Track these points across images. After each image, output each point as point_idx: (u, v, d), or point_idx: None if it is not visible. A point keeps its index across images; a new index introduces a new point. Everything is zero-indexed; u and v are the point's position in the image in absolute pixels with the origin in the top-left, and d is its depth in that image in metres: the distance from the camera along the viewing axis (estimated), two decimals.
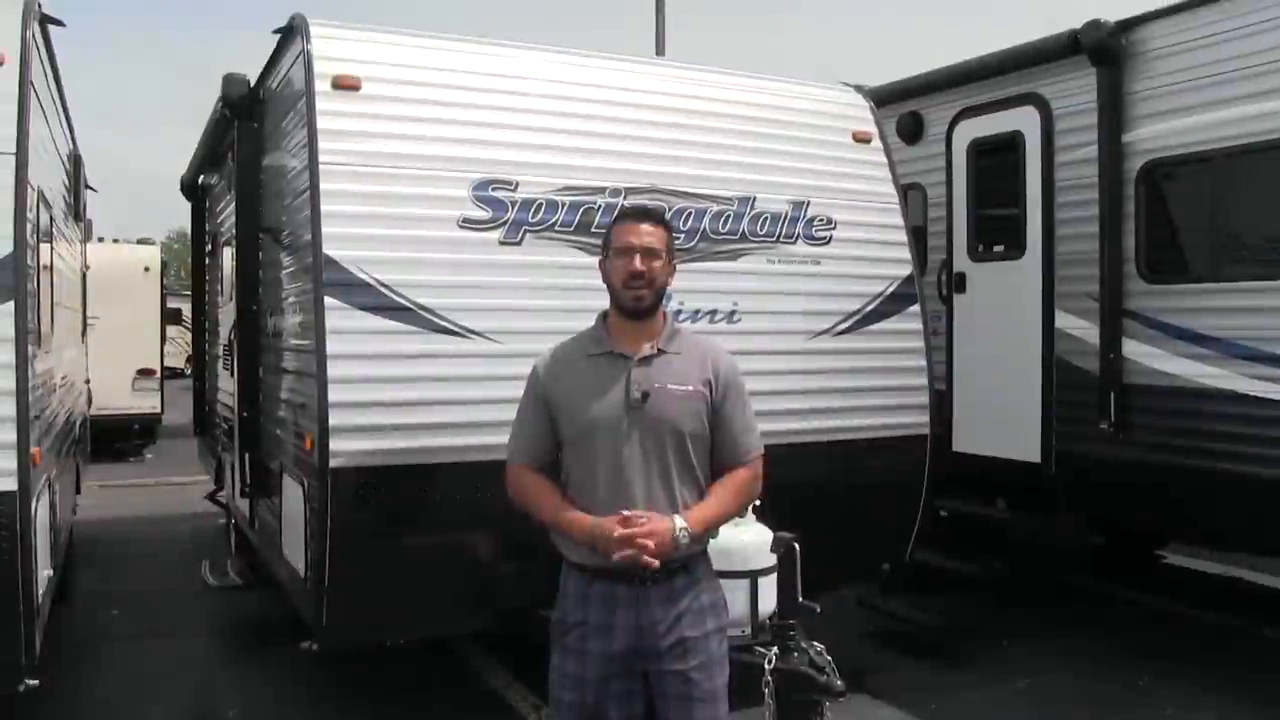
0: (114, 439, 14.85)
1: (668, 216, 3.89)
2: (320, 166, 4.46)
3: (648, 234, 2.99)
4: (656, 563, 2.80)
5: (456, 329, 4.57)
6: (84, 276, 9.45)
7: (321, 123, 4.51)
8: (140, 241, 17.74)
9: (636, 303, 2.96)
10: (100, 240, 15.01)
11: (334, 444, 4.28)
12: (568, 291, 4.58)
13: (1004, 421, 6.70)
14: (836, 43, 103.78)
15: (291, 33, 4.94)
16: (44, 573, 4.90)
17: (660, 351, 2.98)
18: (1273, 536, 5.61)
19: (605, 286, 3.06)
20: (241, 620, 6.93)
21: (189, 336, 17.43)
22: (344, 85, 4.59)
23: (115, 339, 13.35)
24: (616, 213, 3.30)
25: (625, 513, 2.82)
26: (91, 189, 9.48)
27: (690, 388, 2.95)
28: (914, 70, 7.59)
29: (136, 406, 15.25)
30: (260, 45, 6.14)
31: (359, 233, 4.47)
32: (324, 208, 4.43)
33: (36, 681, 4.39)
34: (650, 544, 2.77)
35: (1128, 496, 6.13)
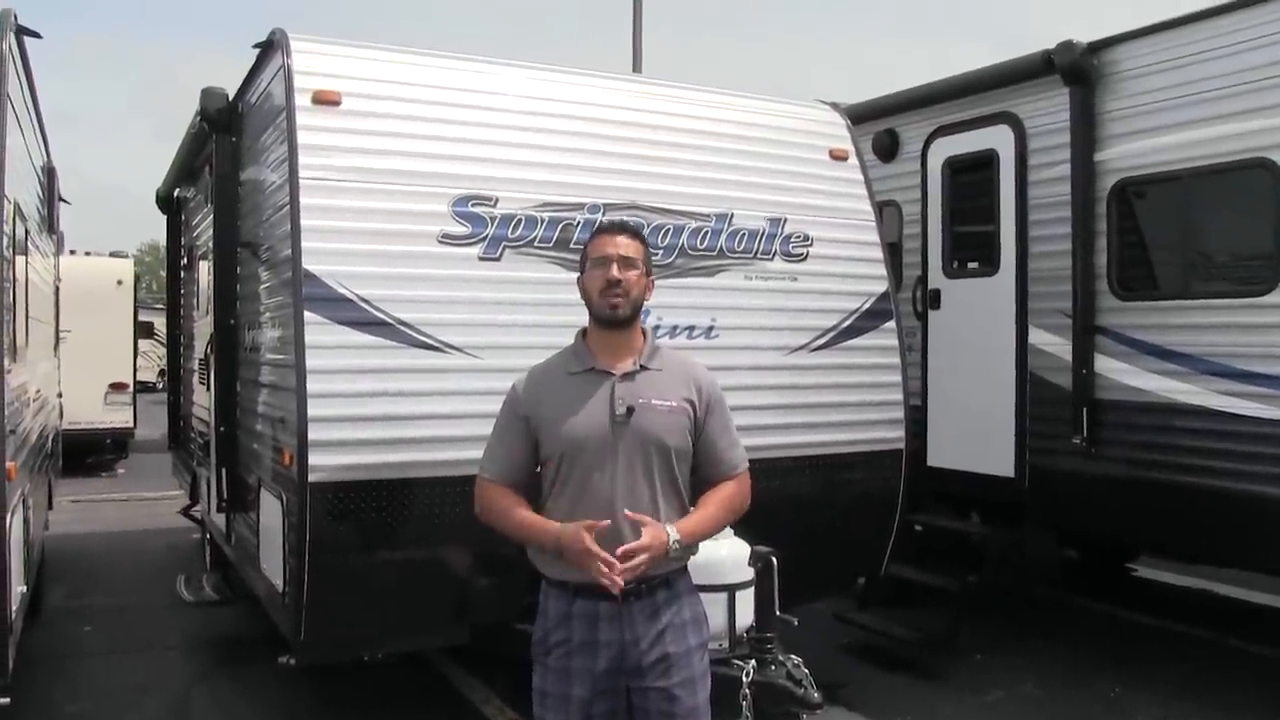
0: (86, 453, 14.74)
1: (646, 232, 3.94)
2: (300, 181, 4.47)
3: (624, 245, 3.01)
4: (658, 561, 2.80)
5: (436, 344, 4.58)
6: (57, 290, 9.39)
7: (302, 138, 4.52)
8: (113, 254, 17.57)
9: (613, 311, 2.96)
10: (72, 253, 14.89)
11: (313, 459, 4.28)
12: (547, 307, 4.62)
13: (978, 436, 6.76)
14: (811, 61, 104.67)
15: (271, 47, 4.94)
16: (17, 589, 4.86)
17: (642, 367, 2.99)
18: (1242, 549, 5.69)
19: (584, 303, 3.06)
20: (217, 635, 6.88)
21: (161, 350, 17.29)
22: (324, 100, 4.60)
23: (87, 353, 13.25)
24: (593, 229, 3.32)
25: (629, 514, 2.81)
26: (65, 201, 9.44)
27: (674, 403, 2.96)
28: (883, 89, 7.71)
29: (109, 421, 15.14)
30: (224, 57, 6.15)
31: (339, 248, 4.47)
32: (304, 222, 4.43)
33: (8, 699, 4.36)
34: (643, 564, 2.76)
35: (1100, 511, 6.19)
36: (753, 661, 3.94)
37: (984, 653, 6.42)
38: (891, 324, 5.84)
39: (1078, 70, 6.13)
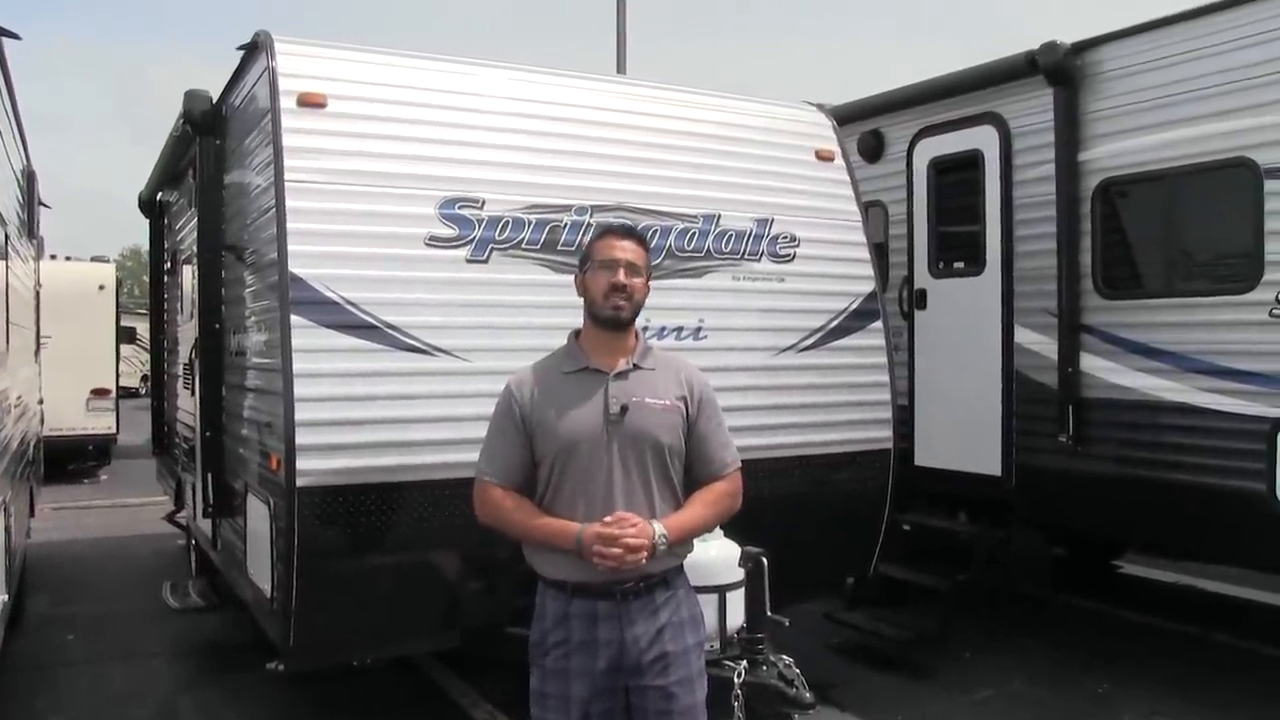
0: (68, 460, 14.62)
1: None
2: (286, 184, 4.44)
3: (632, 250, 3.04)
4: (644, 559, 2.80)
5: (423, 347, 4.56)
6: (37, 295, 9.32)
7: (287, 140, 4.49)
8: (94, 259, 17.44)
9: (616, 313, 2.98)
10: (53, 258, 14.78)
11: (301, 463, 4.25)
12: (534, 309, 4.62)
13: (965, 436, 6.77)
14: (796, 62, 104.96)
15: (256, 49, 4.91)
16: None
17: (635, 367, 3.01)
18: (1227, 545, 5.72)
19: (579, 301, 3.08)
20: (204, 642, 6.83)
21: (144, 355, 17.19)
22: (309, 103, 4.57)
23: (69, 358, 13.15)
24: (599, 229, 3.33)
25: (609, 518, 2.82)
26: (45, 205, 9.37)
27: (667, 402, 2.98)
28: (868, 90, 7.72)
29: (91, 427, 15.03)
30: (207, 63, 6.11)
31: (325, 251, 4.45)
32: (290, 226, 4.40)
33: None
34: (635, 551, 2.77)
35: (1086, 508, 6.22)
36: (744, 662, 3.94)
37: (973, 651, 6.45)
38: (878, 324, 5.85)
39: (1061, 71, 6.15)
